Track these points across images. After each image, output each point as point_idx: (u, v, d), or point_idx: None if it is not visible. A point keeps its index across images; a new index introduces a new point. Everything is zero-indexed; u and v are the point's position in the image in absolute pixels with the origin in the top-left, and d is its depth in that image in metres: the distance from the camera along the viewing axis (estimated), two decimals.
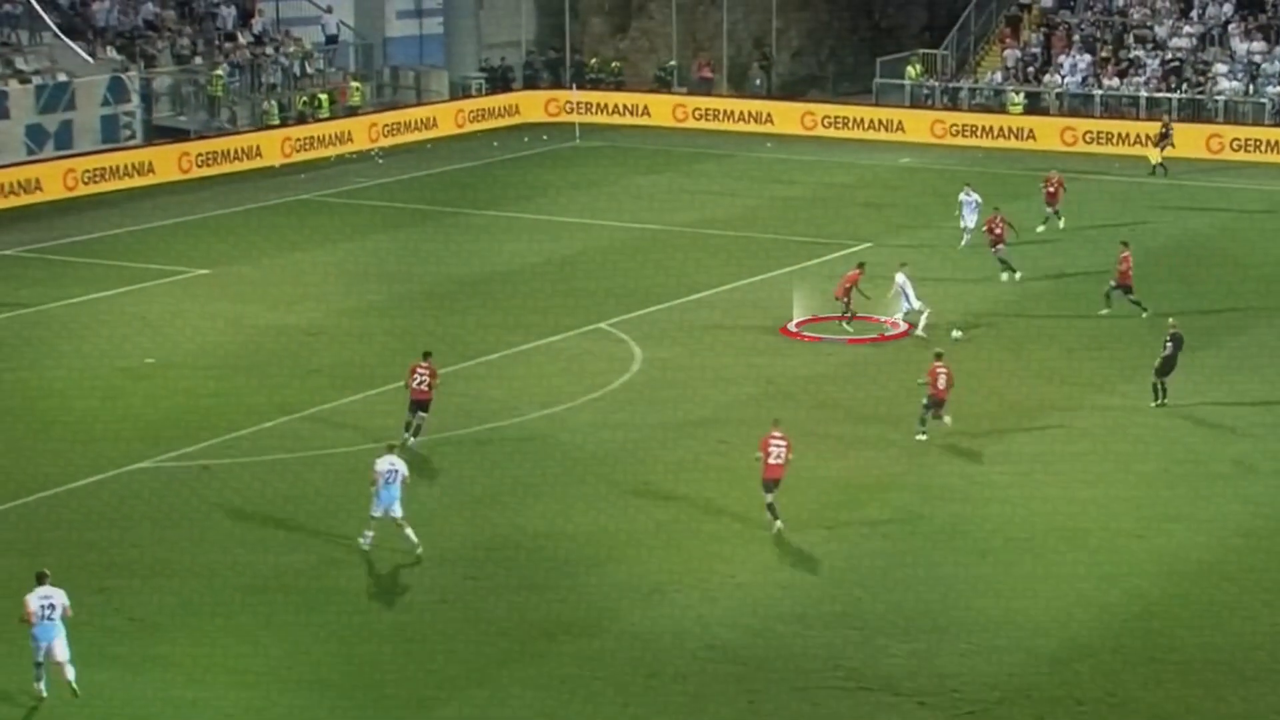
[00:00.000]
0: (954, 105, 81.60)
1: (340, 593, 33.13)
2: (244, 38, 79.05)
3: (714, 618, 31.93)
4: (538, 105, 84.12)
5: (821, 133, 79.74)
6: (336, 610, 32.31)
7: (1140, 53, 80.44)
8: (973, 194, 58.35)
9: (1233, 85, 77.75)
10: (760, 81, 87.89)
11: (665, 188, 70.08)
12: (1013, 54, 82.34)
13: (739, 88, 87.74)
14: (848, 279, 49.13)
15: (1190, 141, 74.29)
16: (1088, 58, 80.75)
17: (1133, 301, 49.78)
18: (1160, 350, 43.09)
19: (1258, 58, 78.69)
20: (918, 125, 79.42)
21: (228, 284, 54.68)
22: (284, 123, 76.46)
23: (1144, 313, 49.49)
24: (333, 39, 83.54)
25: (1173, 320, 43.66)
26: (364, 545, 34.42)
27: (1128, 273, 49.80)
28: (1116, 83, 79.37)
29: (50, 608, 28.92)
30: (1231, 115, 77.18)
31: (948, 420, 40.78)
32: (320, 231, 62.13)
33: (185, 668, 30.06)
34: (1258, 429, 41.78)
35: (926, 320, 48.50)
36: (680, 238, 61.12)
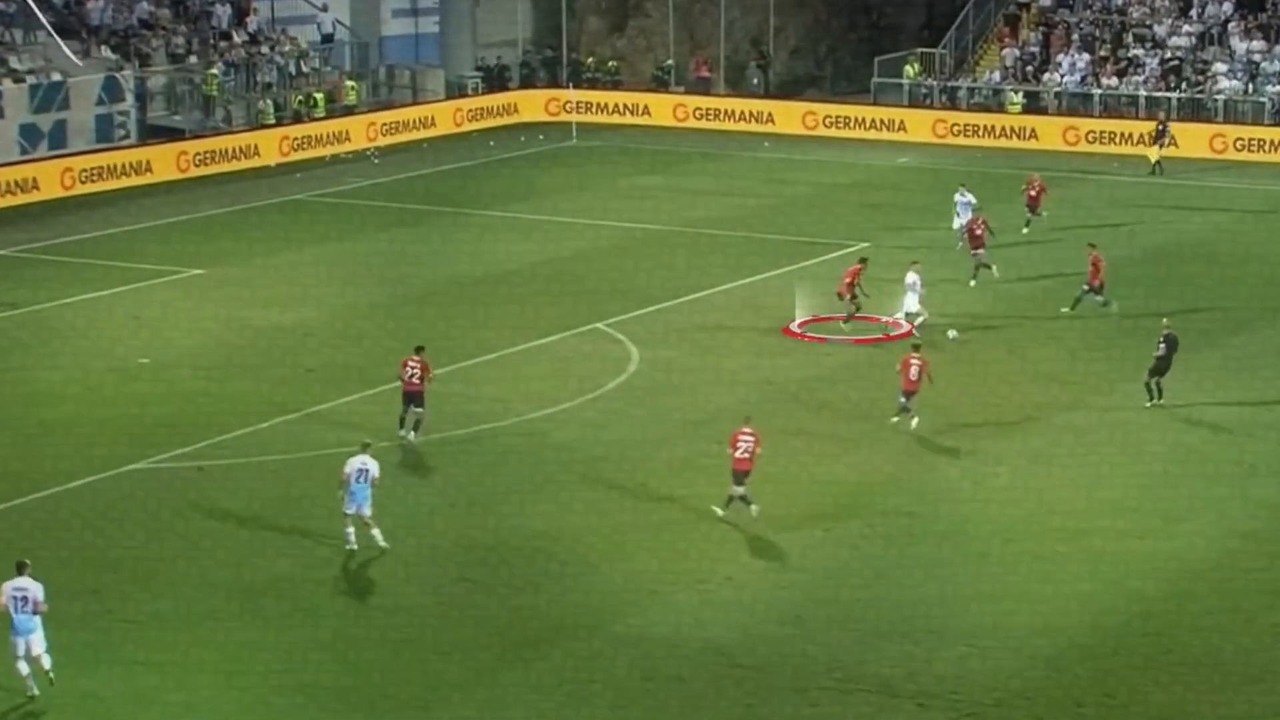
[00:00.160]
0: (952, 105, 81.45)
1: (334, 594, 33.03)
2: (239, 37, 78.87)
3: (711, 619, 31.82)
4: (537, 105, 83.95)
5: (823, 132, 79.59)
6: (330, 612, 32.20)
7: (1139, 52, 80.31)
8: (968, 194, 57.92)
9: (1232, 84, 77.60)
10: (757, 81, 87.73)
11: (662, 187, 69.95)
12: (1011, 53, 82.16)
13: (736, 87, 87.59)
14: (850, 274, 48.86)
15: (1194, 141, 74.16)
16: (1086, 57, 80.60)
17: (1101, 303, 49.68)
18: (1153, 351, 42.93)
19: (1257, 57, 78.51)
20: (919, 125, 79.24)
21: (222, 284, 54.53)
22: (279, 122, 76.29)
23: (1110, 306, 49.53)
24: (328, 38, 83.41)
25: (1167, 321, 43.40)
26: (350, 544, 34.32)
27: (1095, 273, 49.55)
28: (1115, 82, 79.26)
29: (24, 600, 28.69)
30: (1231, 114, 77.03)
31: (913, 422, 40.99)
32: (315, 231, 61.99)
33: (178, 670, 29.89)
34: (1258, 429, 41.64)
35: (922, 322, 48.33)
36: (677, 237, 60.99)
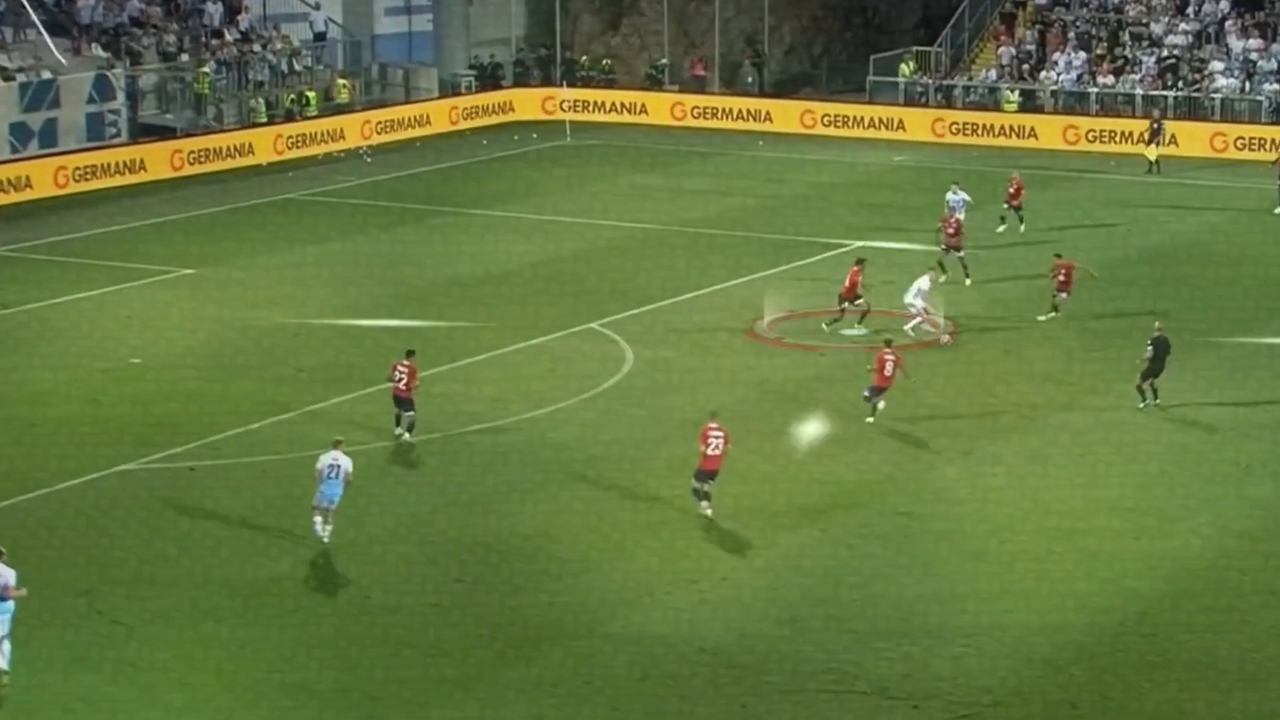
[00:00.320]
0: (948, 103, 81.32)
1: (331, 594, 32.92)
2: (230, 35, 78.63)
3: (707, 619, 31.68)
4: (534, 103, 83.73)
5: (821, 131, 79.39)
6: (327, 611, 32.07)
7: (1136, 50, 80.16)
8: (960, 192, 57.54)
9: (1229, 83, 77.46)
10: (752, 80, 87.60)
11: (657, 186, 69.84)
12: (1007, 51, 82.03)
13: (731, 86, 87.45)
14: (852, 276, 48.24)
15: (1194, 140, 73.98)
16: (1083, 55, 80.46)
17: (1055, 306, 49.42)
18: (1142, 353, 42.69)
19: (1254, 55, 78.40)
20: (918, 124, 79.01)
21: (215, 284, 54.37)
22: (271, 120, 76.10)
23: (1051, 314, 49.30)
24: (320, 36, 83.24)
25: (1158, 324, 43.10)
26: (321, 537, 34.32)
27: (1068, 282, 49.18)
28: (1111, 80, 79.13)
29: None
30: (1228, 113, 76.91)
31: (880, 405, 41.45)
32: (308, 230, 61.82)
33: (171, 672, 29.72)
34: (1254, 429, 41.53)
35: (915, 325, 48.04)
36: (672, 237, 60.86)
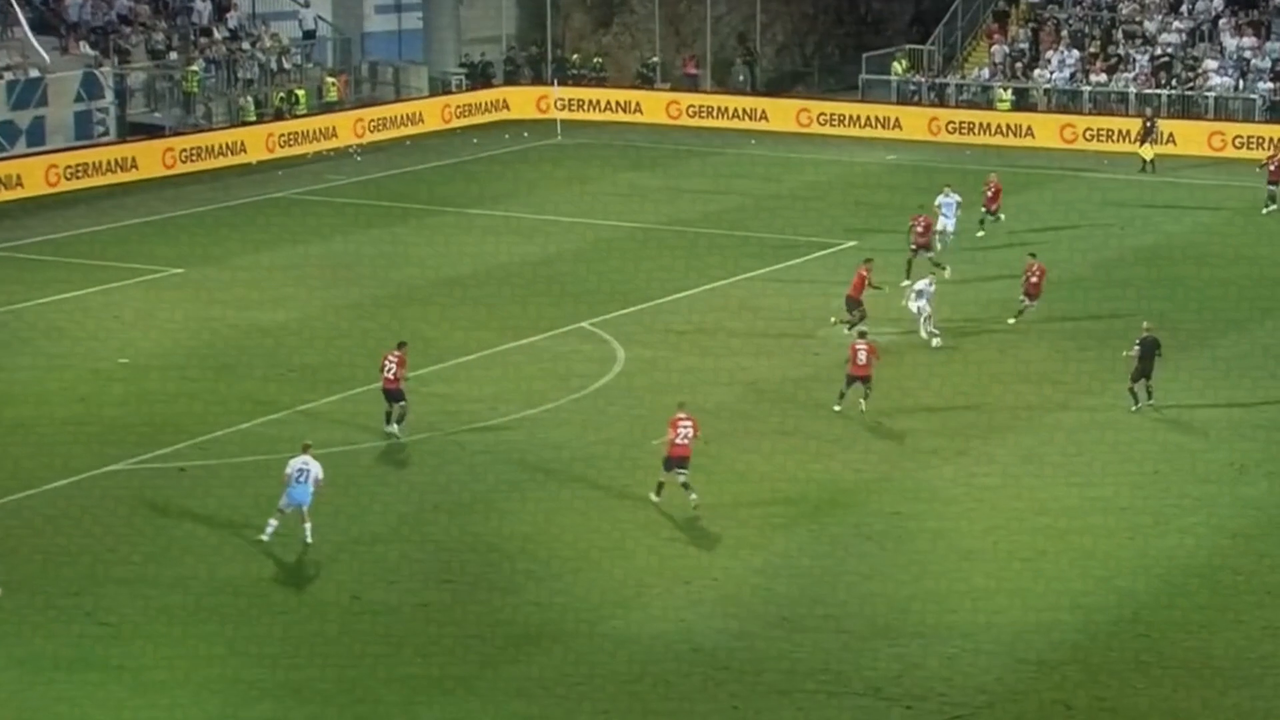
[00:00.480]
0: (941, 102, 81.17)
1: (317, 597, 32.74)
2: (219, 33, 78.33)
3: (697, 621, 31.54)
4: (528, 102, 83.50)
5: (817, 130, 79.18)
6: (309, 617, 31.89)
7: (1129, 48, 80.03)
8: (953, 194, 57.09)
9: (1223, 81, 77.33)
10: (744, 78, 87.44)
11: (649, 185, 69.71)
12: (1000, 49, 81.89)
13: (723, 84, 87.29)
14: (860, 275, 47.67)
15: (1191, 138, 73.80)
16: (1076, 53, 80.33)
17: (1020, 310, 48.83)
18: (1127, 352, 42.41)
19: (1248, 53, 78.27)
20: (914, 122, 78.79)
21: (204, 283, 54.20)
22: (260, 119, 75.86)
23: (1012, 319, 48.79)
24: (310, 34, 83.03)
25: (1147, 324, 42.74)
26: (265, 536, 34.31)
27: (1038, 285, 48.48)
28: (1104, 78, 79.00)
29: None
30: (1222, 111, 76.76)
31: (864, 405, 41.45)
32: (297, 230, 61.64)
33: (159, 674, 29.59)
34: (1248, 429, 41.41)
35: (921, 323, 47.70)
36: (663, 236, 60.73)
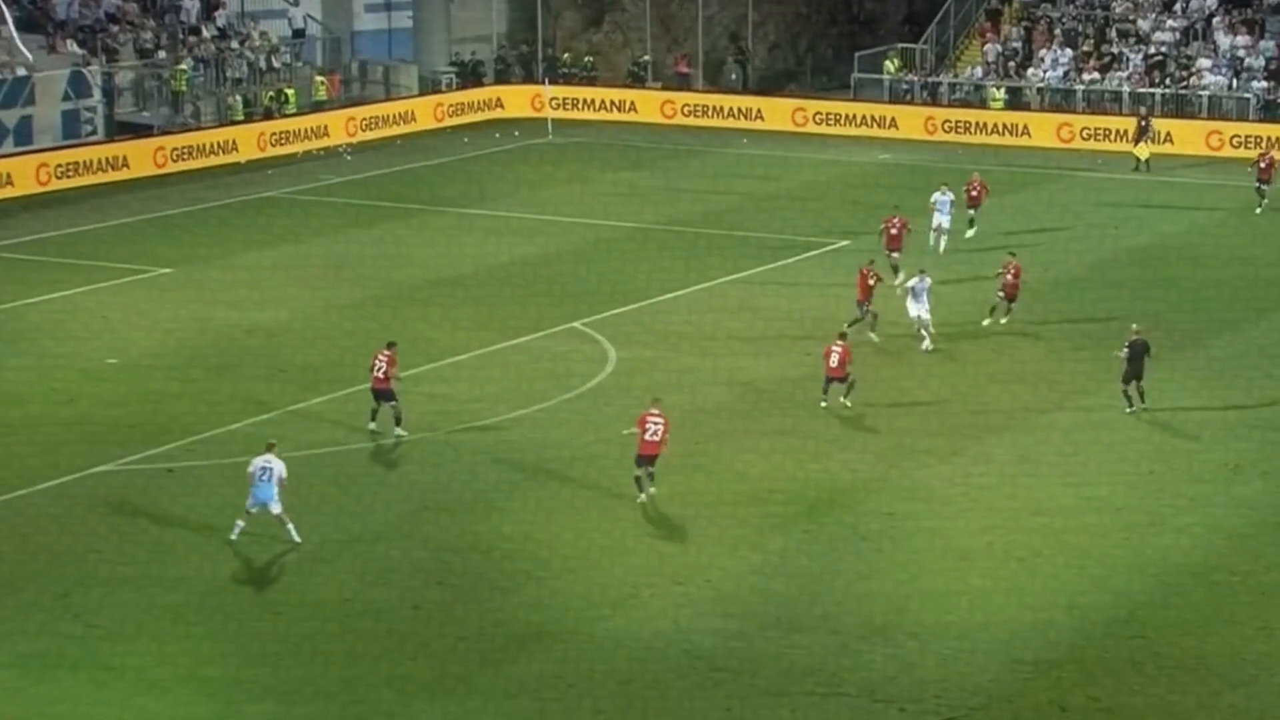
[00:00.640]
0: (934, 101, 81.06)
1: (308, 599, 32.52)
2: (208, 31, 78.08)
3: (690, 623, 31.39)
4: (523, 100, 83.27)
5: (812, 129, 79.00)
6: (304, 617, 31.69)
7: (1123, 47, 79.93)
8: (949, 193, 56.95)
9: (1217, 80, 77.23)
10: (736, 76, 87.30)
11: (640, 184, 69.59)
12: (993, 48, 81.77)
13: (714, 83, 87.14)
14: (865, 278, 47.09)
15: (1189, 138, 73.65)
16: (1069, 52, 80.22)
17: (994, 307, 48.34)
18: (1116, 352, 42.16)
19: (1242, 52, 78.18)
20: (911, 121, 78.56)
21: (193, 282, 54.03)
22: (249, 118, 75.62)
23: (986, 319, 48.28)
24: (299, 33, 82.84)
25: (1137, 326, 42.40)
26: (233, 536, 34.17)
27: (1014, 284, 48.02)
28: (1098, 77, 78.87)
29: None
30: (1216, 110, 76.66)
31: (846, 402, 41.74)
32: (287, 229, 61.48)
33: (148, 676, 29.43)
34: (1243, 429, 41.30)
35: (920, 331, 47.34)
36: (655, 235, 60.60)
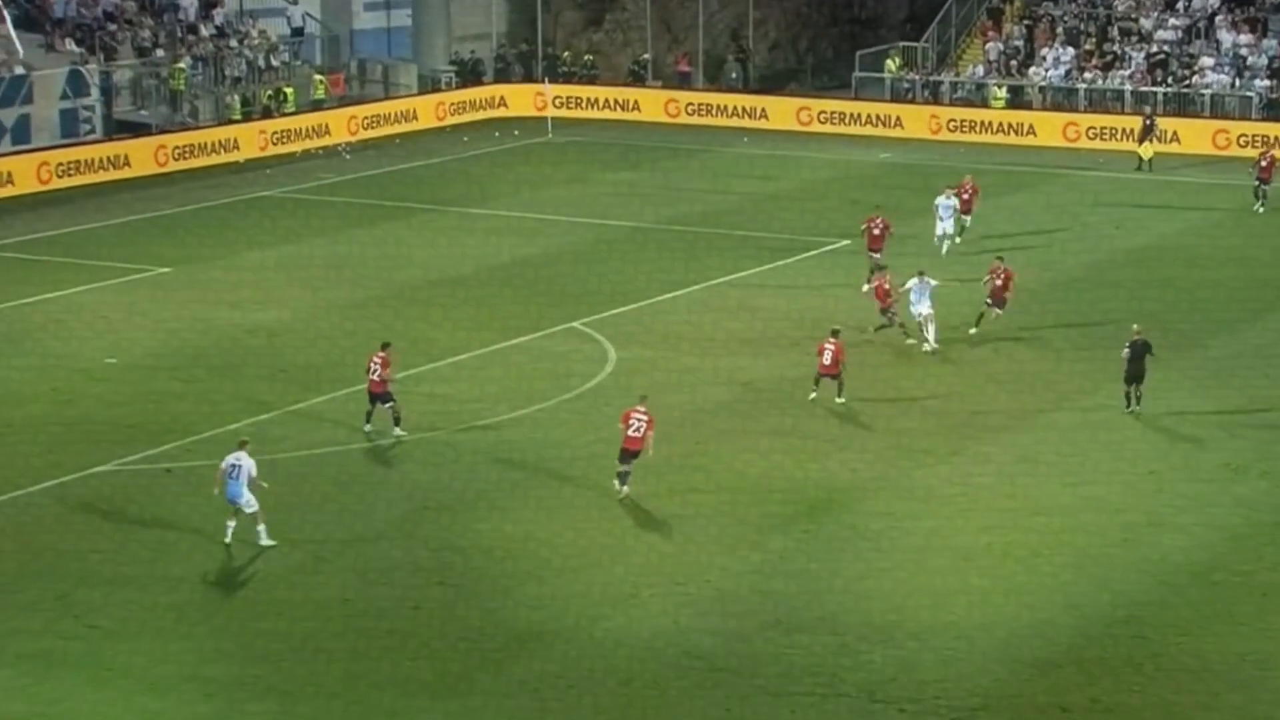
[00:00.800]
0: (935, 100, 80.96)
1: (308, 599, 32.46)
2: (206, 30, 77.96)
3: (690, 623, 31.32)
4: (525, 99, 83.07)
5: (817, 128, 78.88)
6: (306, 616, 31.66)
7: (1125, 46, 79.84)
8: (953, 197, 56.50)
9: (1219, 78, 77.14)
10: (736, 75, 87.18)
11: (640, 184, 69.52)
12: (995, 47, 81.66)
13: (715, 81, 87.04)
14: (880, 286, 46.63)
15: (1195, 137, 73.54)
16: (1071, 51, 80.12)
17: (994, 316, 47.37)
18: (1120, 354, 41.97)
19: (1244, 50, 78.08)
20: (914, 120, 78.43)
21: (192, 282, 53.96)
22: (248, 117, 75.50)
23: (974, 328, 47.49)
24: (298, 31, 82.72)
25: (1137, 326, 42.24)
26: (226, 539, 34.13)
27: (1003, 288, 47.15)
28: (1099, 75, 78.76)
29: None
30: (1218, 109, 76.57)
31: (840, 399, 41.87)
32: (287, 229, 61.44)
33: (148, 677, 29.38)
34: (1246, 431, 41.19)
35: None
36: (655, 235, 60.53)
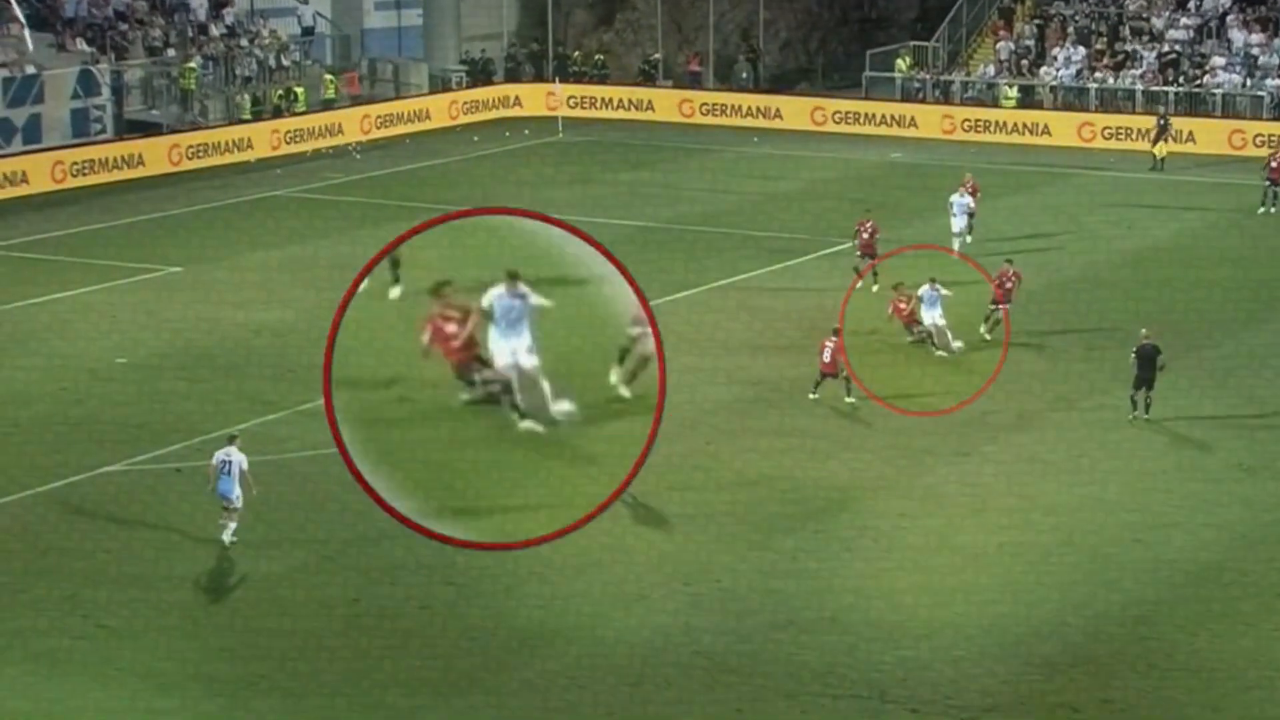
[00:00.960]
0: (946, 99, 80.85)
1: (315, 597, 32.42)
2: (217, 29, 77.97)
3: (700, 624, 31.24)
4: (538, 98, 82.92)
5: (831, 128, 78.77)
6: (311, 615, 31.61)
7: (1136, 45, 79.74)
8: (966, 195, 56.35)
9: (1231, 78, 77.02)
10: (747, 75, 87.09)
11: (649, 183, 69.44)
12: (1006, 46, 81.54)
13: (725, 81, 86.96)
14: (898, 306, 45.88)
15: (1210, 137, 73.43)
16: (1082, 50, 80.00)
17: (991, 319, 46.73)
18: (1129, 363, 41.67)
19: (1256, 50, 77.97)
20: (928, 120, 78.30)
21: (200, 282, 53.92)
22: (258, 116, 75.46)
23: (987, 333, 46.82)
24: (309, 31, 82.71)
25: (1145, 331, 41.91)
26: (224, 540, 34.06)
27: (1010, 292, 46.53)
28: (1111, 74, 78.65)
29: None
30: (1229, 109, 76.46)
31: (850, 399, 41.62)
32: (295, 230, 61.35)
33: (156, 677, 29.34)
34: (1256, 431, 41.06)
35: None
36: (663, 234, 60.44)
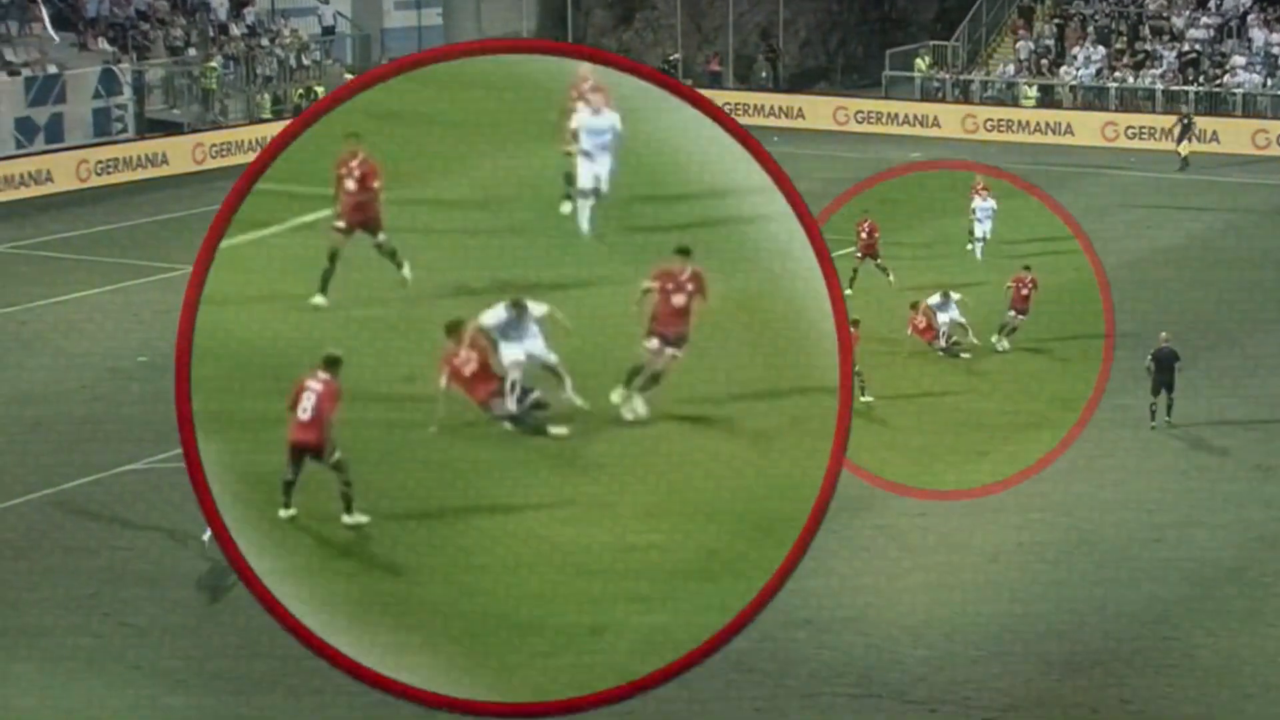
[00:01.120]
0: (966, 98, 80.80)
1: None
2: (237, 29, 78.11)
3: None
4: None
5: (853, 128, 78.74)
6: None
7: (1156, 45, 79.66)
8: (990, 199, 55.36)
9: (1251, 77, 76.93)
10: (766, 75, 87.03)
11: None
12: (1025, 46, 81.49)
13: (745, 81, 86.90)
14: (914, 324, 44.63)
15: (1235, 137, 73.34)
16: (1102, 50, 79.94)
17: (1009, 328, 45.28)
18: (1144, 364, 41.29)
19: (1276, 49, 77.88)
20: (950, 119, 78.31)
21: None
22: (278, 116, 75.52)
23: (1006, 341, 45.33)
24: (329, 30, 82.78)
25: (1164, 335, 41.49)
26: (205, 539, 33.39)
27: (1027, 299, 45.06)
28: (1131, 74, 78.57)
29: None
30: (1250, 108, 76.38)
31: (864, 398, 40.83)
32: None
33: (178, 675, 29.37)
34: (1275, 430, 40.99)
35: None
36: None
